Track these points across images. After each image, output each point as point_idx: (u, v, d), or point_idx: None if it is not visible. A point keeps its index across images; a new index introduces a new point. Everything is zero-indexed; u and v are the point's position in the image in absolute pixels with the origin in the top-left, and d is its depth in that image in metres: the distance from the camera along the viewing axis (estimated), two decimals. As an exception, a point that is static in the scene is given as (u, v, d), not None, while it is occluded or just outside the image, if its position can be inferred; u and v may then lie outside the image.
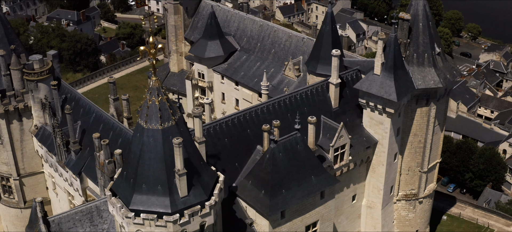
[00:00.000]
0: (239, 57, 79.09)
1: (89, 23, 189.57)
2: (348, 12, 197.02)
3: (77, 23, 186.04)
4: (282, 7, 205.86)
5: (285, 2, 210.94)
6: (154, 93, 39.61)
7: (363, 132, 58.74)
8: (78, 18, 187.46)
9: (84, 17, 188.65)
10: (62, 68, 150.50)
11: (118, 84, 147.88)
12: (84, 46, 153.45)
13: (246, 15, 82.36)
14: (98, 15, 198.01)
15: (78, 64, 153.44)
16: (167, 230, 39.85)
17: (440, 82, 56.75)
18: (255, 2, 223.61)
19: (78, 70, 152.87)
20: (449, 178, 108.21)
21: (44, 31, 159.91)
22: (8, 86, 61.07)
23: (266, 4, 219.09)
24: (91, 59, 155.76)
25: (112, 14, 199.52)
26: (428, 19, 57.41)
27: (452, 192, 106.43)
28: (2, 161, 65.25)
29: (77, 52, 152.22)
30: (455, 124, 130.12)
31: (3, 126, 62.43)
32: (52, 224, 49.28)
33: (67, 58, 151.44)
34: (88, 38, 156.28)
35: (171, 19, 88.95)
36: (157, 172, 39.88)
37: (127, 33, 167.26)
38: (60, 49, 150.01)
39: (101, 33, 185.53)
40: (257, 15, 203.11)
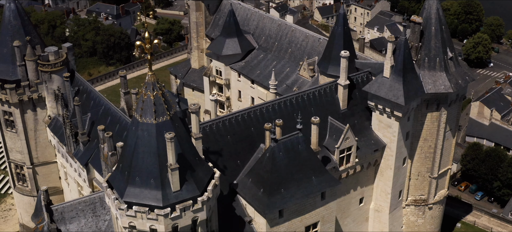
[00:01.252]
0: (256, 56, 79.09)
1: (128, 18, 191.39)
2: (386, 15, 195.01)
3: (116, 17, 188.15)
4: (321, 8, 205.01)
5: (324, 3, 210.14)
6: (149, 88, 39.93)
7: (371, 135, 58.17)
8: (117, 12, 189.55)
9: (123, 12, 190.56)
10: (95, 61, 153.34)
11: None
12: (117, 40, 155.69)
13: (265, 14, 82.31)
14: (138, 10, 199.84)
15: (111, 57, 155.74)
16: (158, 223, 40.16)
17: (450, 88, 55.83)
18: (294, 2, 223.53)
19: (111, 64, 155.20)
20: (477, 185, 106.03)
21: (80, 24, 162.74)
22: (23, 77, 62.28)
23: (306, 4, 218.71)
24: (124, 53, 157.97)
25: (152, 9, 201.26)
26: (441, 23, 56.52)
27: (479, 200, 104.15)
28: (16, 150, 66.65)
29: (111, 46, 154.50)
30: (487, 131, 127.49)
31: (17, 115, 63.73)
32: (55, 212, 50.13)
33: (100, 51, 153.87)
34: (121, 33, 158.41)
35: (192, 16, 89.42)
36: (150, 166, 40.17)
37: (165, 29, 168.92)
38: (94, 42, 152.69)
39: (141, 28, 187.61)
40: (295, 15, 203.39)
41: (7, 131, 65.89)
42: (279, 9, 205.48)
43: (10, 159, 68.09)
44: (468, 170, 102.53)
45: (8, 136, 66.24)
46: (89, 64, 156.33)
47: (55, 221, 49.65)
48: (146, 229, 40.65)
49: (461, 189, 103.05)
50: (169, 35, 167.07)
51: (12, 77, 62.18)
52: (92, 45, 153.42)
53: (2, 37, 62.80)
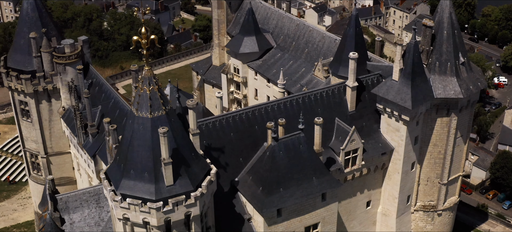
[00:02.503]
0: (273, 55, 79.06)
1: (166, 13, 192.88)
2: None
3: (154, 13, 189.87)
4: (360, 10, 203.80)
5: (363, 5, 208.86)
6: (145, 83, 40.31)
7: (379, 138, 57.61)
8: (156, 8, 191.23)
9: (162, 7, 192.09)
10: (128, 55, 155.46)
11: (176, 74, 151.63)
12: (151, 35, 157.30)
13: (285, 13, 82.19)
14: (178, 6, 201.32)
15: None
16: (150, 216, 40.56)
17: (461, 93, 54.91)
18: (334, 3, 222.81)
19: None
20: (505, 194, 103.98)
21: (117, 18, 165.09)
22: (38, 68, 63.58)
23: (346, 5, 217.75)
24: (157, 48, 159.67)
25: (192, 5, 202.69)
26: (453, 27, 55.65)
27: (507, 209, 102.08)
28: (31, 139, 68.08)
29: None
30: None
31: (32, 105, 65.10)
32: (60, 202, 51.01)
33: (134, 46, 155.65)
34: (155, 28, 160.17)
35: (214, 14, 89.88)
36: (145, 159, 40.60)
37: (202, 26, 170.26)
38: (128, 36, 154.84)
39: (180, 24, 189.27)
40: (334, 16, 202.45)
41: (23, 120, 67.36)
42: (317, 10, 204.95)
43: (26, 148, 69.60)
44: (496, 178, 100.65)
45: (24, 125, 67.71)
46: (122, 58, 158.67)
47: (59, 210, 50.56)
48: (139, 221, 41.12)
49: (489, 197, 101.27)
50: (207, 32, 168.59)
51: (28, 68, 63.56)
52: (126, 39, 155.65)
53: (20, 29, 64.32)
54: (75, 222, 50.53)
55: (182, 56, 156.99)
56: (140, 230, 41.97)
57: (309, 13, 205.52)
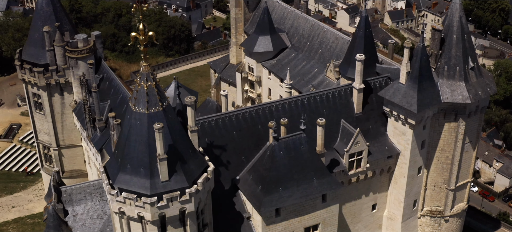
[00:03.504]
0: (288, 55, 78.98)
1: (198, 11, 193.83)
2: None
3: (186, 10, 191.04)
4: (392, 12, 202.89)
5: (395, 7, 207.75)
6: (143, 79, 40.67)
7: (386, 141, 57.16)
8: (187, 5, 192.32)
9: (193, 5, 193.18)
10: (155, 51, 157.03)
11: (200, 71, 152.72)
12: (177, 32, 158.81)
13: (301, 13, 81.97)
14: (211, 4, 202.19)
15: (170, 49, 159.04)
16: (145, 211, 40.93)
17: (469, 98, 54.19)
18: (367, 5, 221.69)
19: (170, 55, 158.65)
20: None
21: (146, 14, 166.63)
22: (51, 61, 64.62)
23: (378, 7, 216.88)
24: (183, 45, 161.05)
25: (225, 4, 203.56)
26: (463, 31, 54.94)
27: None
28: (44, 131, 69.22)
29: (171, 37, 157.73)
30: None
31: (45, 98, 66.19)
32: (64, 194, 51.78)
33: (160, 42, 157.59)
34: (182, 25, 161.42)
35: (232, 12, 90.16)
36: (141, 155, 40.98)
37: None
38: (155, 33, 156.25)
39: (211, 22, 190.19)
40: None
41: (36, 112, 68.54)
42: (349, 11, 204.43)
43: (39, 140, 70.81)
44: None
45: (37, 117, 68.89)
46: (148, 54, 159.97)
47: (63, 202, 51.32)
48: (134, 215, 41.54)
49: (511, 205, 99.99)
50: None
51: (41, 61, 64.67)
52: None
53: (34, 22, 65.46)
54: (78, 214, 51.24)
55: (207, 54, 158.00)
56: (136, 224, 42.46)
57: (341, 14, 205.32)
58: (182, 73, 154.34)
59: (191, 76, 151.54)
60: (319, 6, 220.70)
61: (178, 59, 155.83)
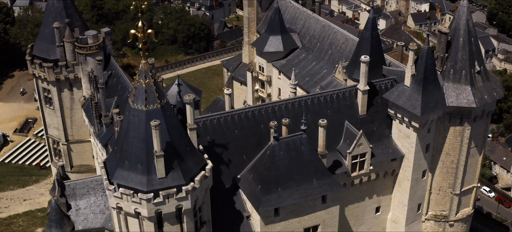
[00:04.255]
0: (298, 55, 78.95)
1: (221, 10, 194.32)
2: (481, 26, 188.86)
3: (209, 9, 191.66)
4: (415, 15, 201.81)
5: (418, 10, 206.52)
6: (142, 76, 40.99)
7: (390, 143, 56.87)
8: (210, 4, 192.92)
9: (216, 3, 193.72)
10: (175, 49, 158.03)
11: (217, 70, 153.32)
12: (197, 30, 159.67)
13: (312, 14, 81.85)
14: (234, 3, 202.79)
15: (190, 47, 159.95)
16: (141, 207, 41.27)
17: (474, 102, 53.67)
18: (391, 7, 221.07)
19: (189, 53, 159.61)
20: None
21: (167, 12, 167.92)
22: (61, 57, 65.42)
23: (402, 9, 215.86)
24: (203, 43, 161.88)
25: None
26: (470, 35, 54.42)
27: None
28: (53, 126, 70.10)
29: (190, 35, 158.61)
30: None
31: (54, 93, 67.05)
32: (68, 188, 52.50)
33: (180, 40, 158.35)
34: (202, 24, 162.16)
35: (245, 11, 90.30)
36: (139, 151, 41.31)
37: None
38: (175, 31, 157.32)
39: (234, 21, 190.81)
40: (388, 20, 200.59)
41: (46, 107, 69.47)
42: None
43: (48, 134, 71.73)
44: None
45: (47, 112, 69.78)
46: (168, 51, 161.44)
47: (67, 196, 52.00)
48: (131, 211, 41.90)
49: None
50: None
51: (51, 56, 65.53)
52: (174, 33, 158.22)
53: (46, 18, 66.37)
54: (81, 208, 51.90)
55: (225, 52, 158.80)
56: (133, 220, 42.83)
57: (364, 15, 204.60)
58: (199, 71, 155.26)
59: (208, 75, 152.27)
60: (343, 7, 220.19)
61: (196, 57, 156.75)
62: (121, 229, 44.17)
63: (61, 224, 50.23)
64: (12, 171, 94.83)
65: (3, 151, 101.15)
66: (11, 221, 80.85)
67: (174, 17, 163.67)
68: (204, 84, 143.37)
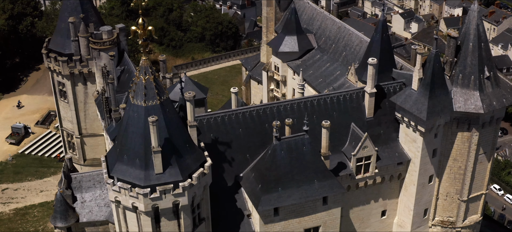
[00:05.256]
0: (313, 56, 78.85)
1: (252, 9, 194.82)
2: None
3: (240, 7, 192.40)
4: (448, 19, 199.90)
5: (451, 14, 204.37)
6: (142, 72, 41.55)
7: (397, 147, 56.52)
8: (242, 2, 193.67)
9: (248, 2, 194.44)
10: (202, 47, 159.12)
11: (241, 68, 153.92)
12: (225, 29, 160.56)
13: (328, 15, 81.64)
14: None
15: (217, 45, 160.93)
16: (138, 202, 41.84)
17: (482, 108, 53.02)
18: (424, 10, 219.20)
19: (216, 51, 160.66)
20: None
21: (197, 10, 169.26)
22: (75, 51, 66.56)
23: (435, 13, 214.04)
24: (230, 42, 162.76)
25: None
26: (480, 40, 53.75)
27: None
28: (67, 119, 71.33)
29: (218, 33, 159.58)
30: None
31: (68, 87, 68.23)
32: (74, 180, 53.40)
33: (208, 38, 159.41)
34: (229, 22, 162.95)
35: (264, 11, 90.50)
36: (137, 146, 41.91)
37: None
38: (203, 29, 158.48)
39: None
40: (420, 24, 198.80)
41: (60, 100, 70.72)
42: (405, 16, 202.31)
43: (63, 127, 72.95)
44: None
45: (62, 105, 71.07)
46: (195, 49, 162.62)
47: (73, 188, 52.89)
48: (129, 205, 42.53)
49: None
50: None
51: (65, 51, 66.75)
52: (202, 31, 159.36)
53: (62, 13, 67.64)
54: (86, 201, 52.72)
55: (250, 51, 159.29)
56: (131, 214, 43.44)
57: (396, 18, 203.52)
58: (223, 69, 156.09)
59: (232, 73, 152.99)
60: (375, 9, 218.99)
61: (221, 55, 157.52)
62: (120, 223, 44.87)
63: (65, 215, 51.16)
64: (31, 162, 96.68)
65: (23, 143, 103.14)
66: (27, 212, 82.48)
67: (203, 15, 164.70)
68: (227, 82, 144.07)
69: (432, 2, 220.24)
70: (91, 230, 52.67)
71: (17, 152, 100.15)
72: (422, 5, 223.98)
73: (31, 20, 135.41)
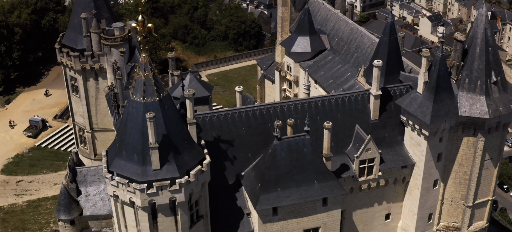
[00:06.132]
0: (325, 57, 78.70)
1: None
2: None
3: (267, 7, 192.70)
4: None
5: None
6: (141, 69, 42.03)
7: (402, 150, 56.22)
8: (269, 2, 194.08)
9: (275, 2, 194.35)
10: (225, 45, 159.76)
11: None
12: (248, 28, 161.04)
13: (342, 16, 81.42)
14: None
15: (240, 44, 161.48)
16: (135, 197, 42.35)
17: (487, 113, 52.47)
18: (453, 14, 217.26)
19: (239, 50, 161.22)
20: None
21: (223, 9, 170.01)
22: (87, 47, 67.45)
23: (463, 17, 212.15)
24: (253, 41, 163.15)
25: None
26: (487, 44, 53.20)
27: None
28: (79, 113, 72.31)
29: (241, 32, 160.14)
30: None
31: (80, 82, 69.18)
32: (79, 174, 54.13)
33: (231, 37, 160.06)
34: (253, 21, 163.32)
35: (279, 11, 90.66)
36: (135, 142, 42.44)
37: None
38: (227, 27, 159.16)
39: None
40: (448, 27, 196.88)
41: (73, 94, 71.72)
42: (432, 19, 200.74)
43: (75, 121, 73.95)
44: None
45: (74, 99, 72.07)
46: (218, 47, 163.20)
47: (78, 182, 53.63)
48: (126, 200, 43.08)
49: None
50: None
51: (78, 46, 67.70)
52: (225, 30, 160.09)
53: (75, 9, 68.63)
54: (90, 195, 53.41)
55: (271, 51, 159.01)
56: (128, 209, 43.98)
57: (424, 22, 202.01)
58: (244, 68, 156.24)
59: (251, 72, 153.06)
60: (404, 12, 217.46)
61: (242, 54, 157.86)
62: (119, 217, 45.46)
63: (69, 208, 51.87)
64: (47, 155, 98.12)
65: (41, 136, 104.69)
66: (39, 204, 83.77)
67: (227, 14, 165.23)
68: (246, 81, 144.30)
69: (461, 6, 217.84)
70: (94, 224, 53.35)
71: (34, 145, 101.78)
72: (451, 9, 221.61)
73: (53, 16, 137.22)
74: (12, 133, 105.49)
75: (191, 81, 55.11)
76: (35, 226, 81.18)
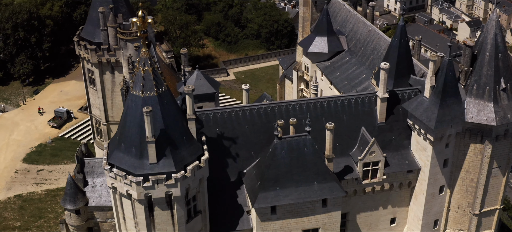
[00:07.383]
0: (342, 58, 78.50)
1: None
2: None
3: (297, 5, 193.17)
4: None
5: None
6: (141, 63, 42.76)
7: (408, 155, 55.82)
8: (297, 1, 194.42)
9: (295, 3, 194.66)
10: (257, 44, 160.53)
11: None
12: (280, 27, 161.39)
13: (361, 17, 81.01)
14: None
15: (272, 43, 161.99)
16: (132, 189, 43.11)
17: (494, 120, 51.73)
18: None
19: (271, 49, 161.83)
20: None
21: (258, 7, 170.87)
22: (104, 40, 68.68)
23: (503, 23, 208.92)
24: (285, 40, 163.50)
25: None
26: (497, 50, 52.43)
27: None
28: (96, 106, 73.69)
29: (273, 32, 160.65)
30: None
31: (97, 74, 70.49)
32: (87, 165, 55.25)
33: (263, 35, 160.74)
34: (285, 21, 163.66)
35: (300, 11, 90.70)
36: (134, 135, 43.21)
37: None
38: (260, 26, 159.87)
39: None
40: None
41: (90, 87, 73.08)
42: (471, 24, 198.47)
43: (92, 114, 75.35)
44: None
45: (91, 92, 73.45)
46: (250, 46, 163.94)
47: (85, 173, 54.76)
48: (123, 192, 43.89)
49: None
50: None
51: (95, 39, 69.00)
52: (258, 28, 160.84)
53: (94, 3, 69.87)
54: (97, 186, 54.45)
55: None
56: (126, 201, 44.79)
57: (462, 26, 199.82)
58: (272, 67, 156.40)
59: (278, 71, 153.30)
60: (443, 16, 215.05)
61: (271, 53, 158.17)
62: (117, 209, 46.32)
63: (74, 199, 53.02)
64: (70, 146, 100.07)
65: (65, 127, 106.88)
66: (57, 193, 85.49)
67: (261, 13, 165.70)
68: (273, 80, 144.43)
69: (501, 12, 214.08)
70: (99, 214, 54.39)
71: (57, 136, 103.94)
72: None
73: (85, 8, 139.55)
74: (37, 122, 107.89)
75: (198, 78, 55.66)
76: (51, 214, 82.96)
